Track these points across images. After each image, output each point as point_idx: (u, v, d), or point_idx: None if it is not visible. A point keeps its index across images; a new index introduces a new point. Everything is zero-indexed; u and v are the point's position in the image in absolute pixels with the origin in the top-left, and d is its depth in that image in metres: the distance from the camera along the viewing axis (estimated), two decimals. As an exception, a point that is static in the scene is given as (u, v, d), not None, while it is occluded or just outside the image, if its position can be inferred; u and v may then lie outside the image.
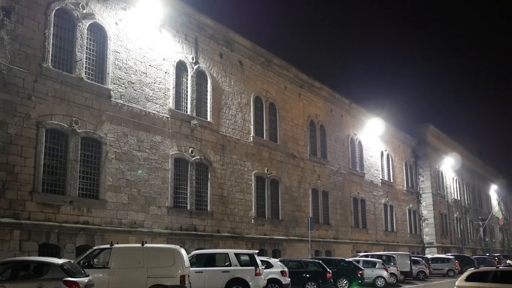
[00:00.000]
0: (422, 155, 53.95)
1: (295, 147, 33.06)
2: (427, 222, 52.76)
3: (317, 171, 35.15)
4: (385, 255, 31.67)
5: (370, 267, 27.94)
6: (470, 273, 17.12)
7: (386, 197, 45.26)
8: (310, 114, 35.52)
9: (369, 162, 43.31)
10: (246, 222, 27.28)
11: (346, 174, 38.90)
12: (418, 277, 34.01)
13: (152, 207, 21.67)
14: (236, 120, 27.84)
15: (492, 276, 16.12)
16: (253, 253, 19.56)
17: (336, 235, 36.11)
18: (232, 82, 27.98)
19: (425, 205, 53.13)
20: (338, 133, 38.86)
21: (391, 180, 47.16)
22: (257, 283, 18.76)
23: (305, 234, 30.44)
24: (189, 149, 24.19)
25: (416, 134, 53.39)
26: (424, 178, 53.70)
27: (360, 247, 38.60)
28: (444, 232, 55.64)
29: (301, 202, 32.66)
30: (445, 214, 56.84)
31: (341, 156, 38.76)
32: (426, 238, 52.55)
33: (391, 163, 47.71)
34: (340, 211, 37.38)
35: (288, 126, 32.75)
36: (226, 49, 27.90)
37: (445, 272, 38.62)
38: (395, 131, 48.98)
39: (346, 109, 40.64)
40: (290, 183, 31.92)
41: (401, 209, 48.44)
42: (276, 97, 31.93)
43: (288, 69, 33.26)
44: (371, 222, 41.83)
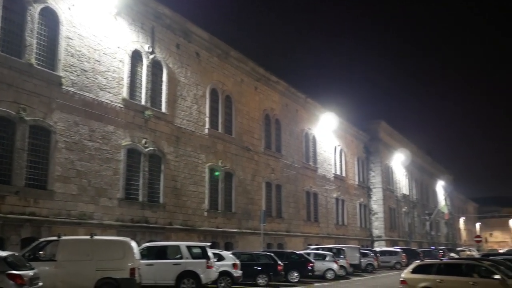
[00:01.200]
0: (374, 150, 55.01)
1: (250, 140, 33.09)
2: (377, 216, 53.94)
3: (271, 164, 35.31)
4: (335, 248, 32.13)
5: (320, 260, 28.28)
6: (415, 265, 17.66)
7: (338, 191, 45.96)
8: (266, 108, 35.60)
9: (322, 157, 43.83)
10: (199, 215, 27.15)
11: (299, 168, 39.24)
12: (367, 270, 34.70)
13: (103, 198, 21.26)
14: (191, 112, 27.60)
15: (436, 268, 16.74)
16: (205, 246, 19.53)
17: (289, 228, 36.43)
18: (188, 73, 27.70)
19: (375, 200, 54.28)
20: (293, 127, 39.12)
21: (343, 174, 47.90)
22: (208, 275, 18.76)
23: (257, 227, 30.57)
24: (142, 140, 23.83)
25: (369, 130, 54.33)
26: (375, 173, 54.81)
27: (312, 240, 39.07)
28: (393, 226, 57.01)
29: (254, 195, 32.75)
30: (394, 209, 58.23)
31: (295, 150, 39.06)
32: (375, 232, 53.73)
33: (343, 158, 48.44)
34: (293, 204, 37.72)
35: (244, 119, 32.73)
36: (183, 40, 27.57)
37: (392, 265, 39.56)
38: (348, 127, 49.73)
39: (302, 104, 40.94)
40: (244, 176, 31.94)
41: (352, 203, 49.32)
42: (233, 90, 31.83)
43: (245, 62, 33.19)
44: (323, 216, 42.40)
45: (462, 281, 15.93)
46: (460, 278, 16.07)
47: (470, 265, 16.88)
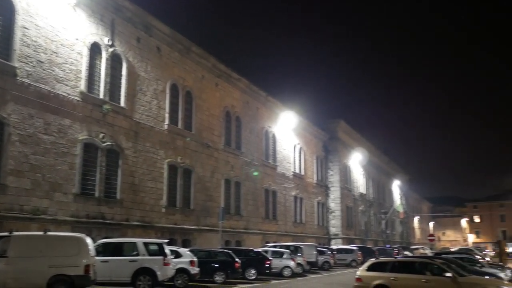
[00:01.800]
0: (333, 149, 55.62)
1: (210, 137, 32.95)
2: (334, 214, 54.59)
3: (231, 161, 35.26)
4: (292, 245, 32.32)
5: (278, 257, 28.42)
6: (371, 263, 17.96)
7: (297, 189, 46.31)
8: (226, 104, 35.51)
9: (282, 155, 44.05)
10: (157, 211, 26.87)
11: (259, 165, 39.32)
12: (323, 267, 35.07)
13: (58, 193, 20.77)
14: (151, 107, 27.28)
15: (390, 266, 17.11)
16: (162, 243, 19.35)
17: (247, 226, 36.48)
18: (148, 68, 27.35)
19: (333, 198, 54.92)
20: (253, 125, 39.16)
21: (302, 173, 48.27)
22: (165, 272, 18.60)
23: (216, 224, 30.48)
24: (100, 134, 23.39)
25: (328, 129, 54.89)
26: (333, 172, 55.45)
27: (270, 237, 39.23)
28: (349, 224, 57.82)
29: (213, 192, 32.64)
30: (351, 207, 59.08)
31: (255, 147, 39.12)
32: (332, 230, 54.36)
33: (303, 156, 48.82)
34: (252, 202, 37.78)
35: (204, 115, 32.56)
36: (144, 33, 27.20)
37: (348, 262, 40.13)
38: (308, 126, 50.12)
39: (262, 101, 41.02)
40: (203, 172, 31.79)
41: (310, 201, 49.77)
42: (193, 86, 31.61)
43: (207, 58, 33.01)
44: (281, 214, 42.64)
45: (415, 279, 16.33)
46: (413, 275, 16.48)
47: (423, 263, 17.27)
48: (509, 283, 17.96)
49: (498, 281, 17.43)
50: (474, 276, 17.53)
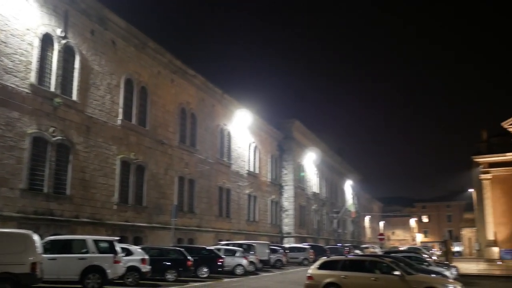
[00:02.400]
0: (287, 149, 56.00)
1: (165, 134, 32.60)
2: (287, 213, 54.99)
3: (185, 159, 34.99)
4: (245, 244, 32.40)
5: (230, 256, 28.40)
6: (322, 261, 18.21)
7: (251, 187, 46.40)
8: (182, 101, 35.19)
9: (236, 153, 44.04)
10: (108, 208, 26.39)
11: (213, 163, 39.19)
12: (276, 265, 35.29)
13: (4, 188, 20.07)
14: (104, 102, 26.74)
15: (341, 265, 17.43)
16: (112, 240, 19.03)
17: (200, 224, 36.29)
18: (103, 61, 26.80)
19: (287, 197, 55.31)
20: (208, 122, 38.97)
21: (256, 171, 48.41)
22: (115, 270, 18.30)
23: (168, 222, 30.20)
24: (50, 128, 22.76)
25: (283, 128, 55.24)
26: (287, 171, 55.85)
27: (223, 236, 39.17)
28: (302, 223, 58.37)
29: (166, 189, 32.32)
30: (304, 206, 59.66)
31: (210, 145, 38.96)
32: (285, 228, 54.73)
33: (257, 155, 48.95)
34: (206, 199, 37.60)
35: (159, 112, 32.18)
36: (99, 26, 26.63)
37: (300, 261, 40.49)
38: (263, 124, 50.30)
39: (218, 99, 40.88)
40: (157, 169, 31.43)
41: (264, 200, 49.96)
42: (148, 81, 31.19)
43: (163, 54, 32.63)
44: (234, 212, 42.63)
45: (364, 277, 16.68)
46: (363, 274, 16.82)
47: (373, 261, 17.63)
48: (454, 281, 18.51)
49: (444, 280, 17.95)
50: (421, 275, 18.02)
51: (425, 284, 16.22)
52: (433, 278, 18.10)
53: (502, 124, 50.14)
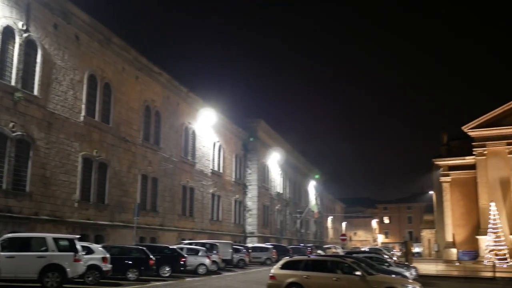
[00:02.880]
0: (252, 148, 56.10)
1: (128, 131, 32.21)
2: (251, 213, 55.09)
3: (148, 157, 34.65)
4: (208, 243, 32.35)
5: (193, 255, 28.31)
6: (285, 261, 18.34)
7: (215, 187, 46.29)
8: (146, 98, 34.84)
9: (201, 152, 43.87)
10: (69, 206, 25.90)
11: (177, 162, 38.94)
12: (238, 265, 35.31)
13: (-40, 184, 19.50)
14: (67, 97, 26.24)
15: (303, 265, 17.59)
16: (73, 238, 18.73)
17: (163, 222, 36.00)
18: (66, 56, 26.29)
19: (250, 197, 55.41)
20: (173, 120, 38.71)
21: (220, 171, 48.33)
22: (75, 269, 18.03)
23: (131, 220, 29.86)
24: (10, 123, 22.20)
25: (248, 128, 55.30)
26: (252, 171, 55.95)
27: (186, 235, 38.97)
28: (265, 223, 58.58)
29: (129, 188, 31.94)
30: (268, 206, 59.88)
31: (174, 143, 38.69)
32: (248, 228, 54.82)
33: (222, 154, 48.88)
34: (169, 198, 37.33)
35: (123, 109, 31.78)
36: (62, 20, 26.10)
37: (263, 261, 40.64)
38: (228, 124, 50.25)
39: (183, 97, 40.63)
40: (120, 167, 31.03)
41: (227, 199, 49.92)
42: (112, 78, 30.76)
43: (128, 50, 32.24)
44: (198, 211, 42.45)
45: (326, 277, 16.88)
46: (325, 274, 17.02)
47: (335, 262, 17.86)
48: (413, 281, 18.92)
49: (404, 280, 18.32)
50: (382, 275, 18.36)
51: (385, 284, 16.53)
52: (393, 278, 18.45)
53: (462, 128, 51.36)
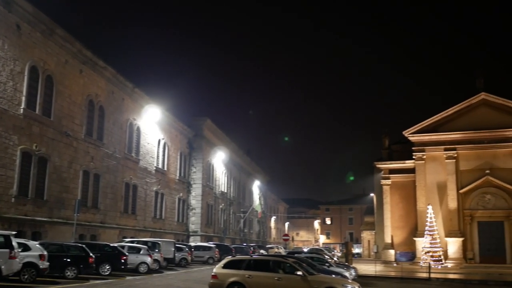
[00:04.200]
0: (197, 147, 55.82)
1: (70, 126, 31.36)
2: (194, 211, 54.78)
3: (91, 152, 33.85)
4: (150, 241, 32.00)
5: (134, 253, 27.95)
6: (227, 261, 18.39)
7: (158, 184, 45.77)
8: (90, 93, 34.02)
9: (145, 149, 43.27)
10: (5, 201, 24.95)
11: (121, 158, 38.24)
12: (181, 264, 35.11)
13: None
14: (6, 89, 25.27)
15: (246, 264, 17.72)
16: (9, 235, 18.12)
17: (104, 220, 35.26)
18: (5, 46, 25.31)
19: (194, 195, 55.09)
20: (117, 116, 37.98)
21: (165, 168, 47.82)
22: (10, 266, 17.49)
23: (70, 217, 29.09)
24: None
25: (194, 126, 55.00)
26: (196, 169, 55.64)
27: (128, 232, 38.34)
28: (209, 222, 58.41)
29: (70, 183, 31.10)
30: (212, 205, 59.73)
31: (118, 139, 37.96)
32: (191, 227, 54.49)
33: (167, 152, 48.38)
34: (111, 195, 36.59)
35: (65, 102, 30.90)
36: (3, 9, 25.13)
37: (205, 260, 40.61)
38: (174, 121, 49.79)
39: (129, 93, 39.94)
40: (61, 162, 30.16)
41: (171, 197, 49.46)
42: (55, 70, 29.87)
43: (72, 42, 31.38)
44: (141, 209, 41.85)
45: (268, 277, 17.05)
46: (267, 273, 17.18)
47: (277, 262, 18.04)
48: (352, 281, 19.37)
49: (343, 280, 18.74)
50: (322, 275, 18.74)
51: (326, 284, 16.86)
52: (333, 278, 18.85)
53: (403, 133, 52.90)
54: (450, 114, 51.73)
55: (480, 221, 50.50)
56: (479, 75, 51.70)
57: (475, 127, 50.23)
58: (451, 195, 50.43)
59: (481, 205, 50.47)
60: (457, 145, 50.95)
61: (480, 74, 51.79)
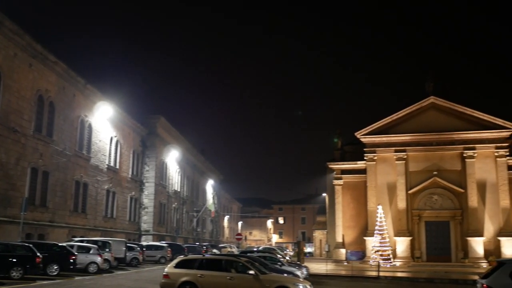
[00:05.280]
0: (150, 145, 55.14)
1: (18, 121, 30.38)
2: (147, 210, 54.08)
3: (40, 149, 32.90)
4: (101, 241, 31.48)
5: (84, 253, 27.42)
6: (179, 260, 18.27)
7: (110, 183, 44.94)
8: (40, 88, 33.05)
9: (97, 146, 42.40)
10: None
11: (71, 155, 37.33)
12: (132, 264, 34.67)
13: None
14: (-51, 81, 24.26)
15: (198, 264, 17.65)
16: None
17: (53, 219, 34.34)
18: (-51, 37, 24.30)
19: (147, 194, 54.40)
20: (68, 112, 37.05)
21: (117, 166, 47.00)
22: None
23: (17, 216, 28.18)
24: None
25: (147, 124, 54.32)
26: (149, 167, 54.95)
27: (77, 232, 37.49)
28: (162, 221, 57.82)
29: (17, 181, 30.13)
30: (165, 204, 59.15)
31: (68, 136, 37.04)
32: (144, 226, 53.77)
33: (119, 149, 47.56)
34: (60, 193, 35.67)
35: (13, 97, 29.91)
36: None
37: (157, 259, 40.25)
38: (127, 119, 48.98)
39: (80, 89, 39.03)
40: (7, 159, 29.18)
41: (123, 196, 48.65)
42: (3, 64, 28.87)
43: (22, 35, 30.40)
44: (91, 207, 40.98)
45: (220, 276, 17.02)
46: (219, 273, 17.15)
47: (229, 261, 18.04)
48: (304, 280, 19.55)
49: (295, 279, 18.88)
50: (274, 274, 18.85)
51: (277, 283, 16.95)
52: (285, 277, 18.98)
53: (355, 134, 53.83)
54: (401, 117, 52.99)
55: (427, 221, 52.01)
56: (429, 80, 53.18)
57: (424, 130, 51.68)
58: (401, 195, 51.68)
59: (429, 205, 51.96)
60: (407, 147, 52.27)
61: (430, 78, 53.25)
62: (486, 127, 50.65)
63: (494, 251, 48.30)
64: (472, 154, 50.52)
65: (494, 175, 50.25)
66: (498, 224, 49.52)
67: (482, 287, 11.85)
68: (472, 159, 50.59)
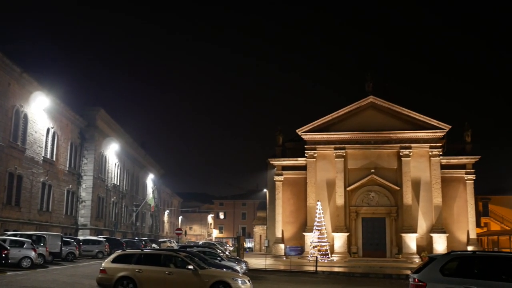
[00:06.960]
0: (89, 137, 53.81)
1: None
2: (84, 204, 52.81)
3: (-29, 139, 31.51)
4: (35, 235, 30.61)
5: (17, 247, 26.67)
6: (117, 255, 18.06)
7: (46, 175, 43.57)
8: (-28, 75, 31.63)
9: (33, 138, 40.99)
10: None
11: (5, 147, 35.95)
12: (67, 258, 33.89)
13: None
14: None
15: (136, 258, 17.50)
16: None
17: (-17, 212, 33.02)
18: None
19: (85, 187, 53.11)
20: (2, 101, 35.64)
21: (53, 158, 45.61)
22: None
23: None
24: None
25: (87, 116, 53.00)
26: (88, 160, 53.65)
27: (10, 225, 36.19)
28: (100, 215, 56.65)
29: None
30: (103, 198, 57.96)
31: (2, 127, 35.65)
32: (81, 220, 52.47)
33: (56, 141, 46.15)
34: (-8, 186, 34.31)
35: None
36: None
37: (95, 254, 39.55)
38: (65, 110, 47.58)
39: (16, 78, 37.60)
40: None
41: (60, 189, 47.28)
42: None
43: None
44: (25, 200, 39.62)
45: (159, 271, 16.93)
46: (158, 268, 17.07)
47: (168, 256, 17.97)
48: (243, 275, 19.72)
49: (234, 274, 19.04)
50: (213, 269, 18.92)
51: (216, 278, 17.03)
52: (224, 272, 19.08)
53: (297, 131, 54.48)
54: (341, 115, 54.03)
55: (364, 217, 53.38)
56: (368, 79, 54.50)
57: (363, 129, 52.97)
58: (339, 192, 52.78)
59: (366, 202, 53.34)
60: (346, 145, 53.40)
61: (370, 78, 54.59)
62: (422, 127, 52.48)
63: (427, 246, 50.24)
64: (407, 153, 52.24)
65: (428, 173, 52.17)
66: (431, 221, 51.47)
67: (414, 281, 12.34)
68: (407, 158, 52.31)
